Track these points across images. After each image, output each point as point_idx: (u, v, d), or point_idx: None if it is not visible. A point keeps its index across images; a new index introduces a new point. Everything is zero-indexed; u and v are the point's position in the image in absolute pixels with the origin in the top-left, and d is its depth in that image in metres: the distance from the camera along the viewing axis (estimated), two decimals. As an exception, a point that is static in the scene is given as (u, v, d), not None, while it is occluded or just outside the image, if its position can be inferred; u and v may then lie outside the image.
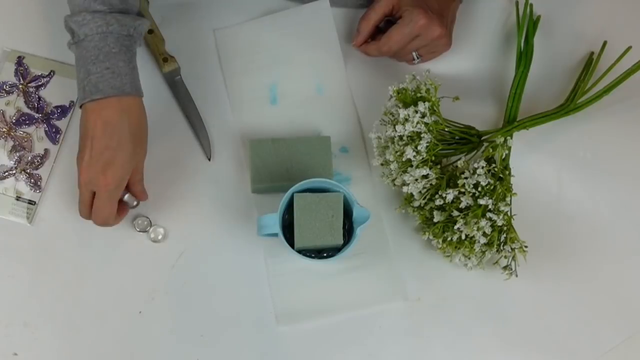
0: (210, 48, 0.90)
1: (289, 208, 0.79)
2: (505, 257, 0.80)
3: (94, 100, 0.74)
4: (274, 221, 0.77)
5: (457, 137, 0.83)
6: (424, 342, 0.81)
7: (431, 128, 0.78)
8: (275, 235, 0.78)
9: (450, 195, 0.78)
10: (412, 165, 0.78)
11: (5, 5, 0.91)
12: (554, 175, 0.88)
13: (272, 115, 0.89)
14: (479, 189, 0.78)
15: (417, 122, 0.77)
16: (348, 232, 0.80)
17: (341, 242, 0.78)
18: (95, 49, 0.74)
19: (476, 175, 0.78)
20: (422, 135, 0.77)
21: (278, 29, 0.91)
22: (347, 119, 0.89)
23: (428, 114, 0.77)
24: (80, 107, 0.76)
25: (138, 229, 0.83)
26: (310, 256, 0.78)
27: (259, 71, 0.90)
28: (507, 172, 0.81)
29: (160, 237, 0.83)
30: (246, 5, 0.92)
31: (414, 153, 0.77)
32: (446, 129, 0.82)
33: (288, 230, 0.79)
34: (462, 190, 0.78)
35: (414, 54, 0.87)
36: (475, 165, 0.79)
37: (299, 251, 0.78)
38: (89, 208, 0.77)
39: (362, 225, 0.76)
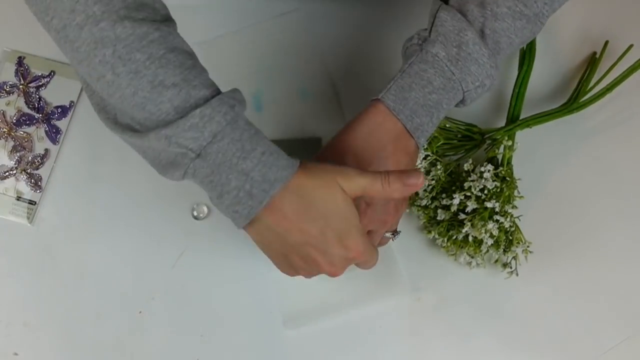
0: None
1: None
2: (508, 256, 0.80)
3: (272, 199, 0.59)
4: None
5: (459, 135, 0.83)
6: (424, 342, 0.81)
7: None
8: None
9: (456, 199, 0.78)
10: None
11: (5, 5, 0.91)
12: (555, 174, 0.87)
13: (258, 122, 0.88)
14: (485, 191, 0.78)
15: None
16: None
17: None
18: (234, 142, 0.58)
19: (483, 180, 0.78)
20: None
21: (259, 39, 0.92)
22: (334, 119, 0.88)
23: None
24: (247, 225, 0.62)
25: None
26: None
27: (242, 81, 0.89)
28: (512, 174, 0.80)
29: None
30: (227, 17, 0.92)
31: None
32: (447, 125, 0.82)
33: None
34: (468, 194, 0.78)
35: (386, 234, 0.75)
36: (482, 169, 0.78)
37: None
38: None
39: None
